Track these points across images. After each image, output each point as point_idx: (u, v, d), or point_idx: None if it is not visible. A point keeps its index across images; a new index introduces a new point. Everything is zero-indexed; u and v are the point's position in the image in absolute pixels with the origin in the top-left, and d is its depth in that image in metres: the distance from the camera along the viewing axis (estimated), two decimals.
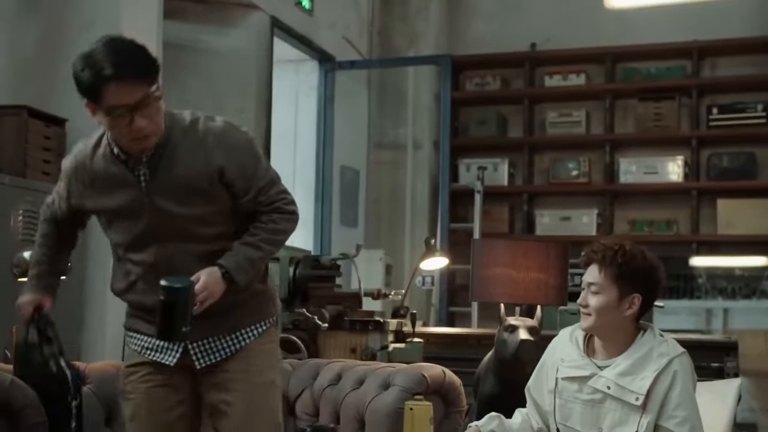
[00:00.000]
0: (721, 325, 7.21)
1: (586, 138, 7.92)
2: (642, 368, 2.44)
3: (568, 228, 7.73)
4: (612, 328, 2.51)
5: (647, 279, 2.52)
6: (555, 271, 3.49)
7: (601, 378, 2.49)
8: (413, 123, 8.07)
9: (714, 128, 7.51)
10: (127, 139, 2.36)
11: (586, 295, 2.52)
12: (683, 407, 2.42)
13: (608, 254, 2.50)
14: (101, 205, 2.49)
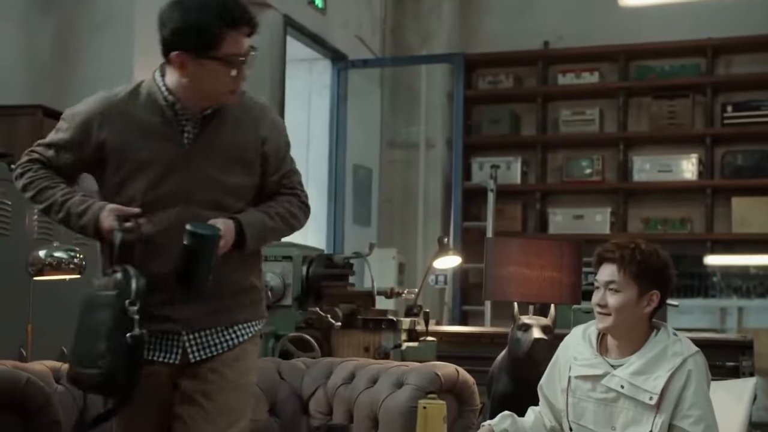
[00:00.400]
0: (735, 324, 7.17)
1: (600, 136, 7.89)
2: (656, 367, 2.44)
3: (581, 226, 7.71)
4: (629, 327, 2.50)
5: (664, 275, 2.53)
6: (569, 270, 3.47)
7: (614, 377, 2.48)
8: (426, 121, 8.06)
9: (728, 126, 7.48)
10: (225, 92, 2.33)
11: (603, 294, 2.51)
12: (698, 406, 2.41)
13: (626, 253, 2.50)
14: (130, 153, 2.35)
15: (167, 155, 2.34)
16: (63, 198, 2.40)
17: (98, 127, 2.36)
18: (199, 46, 2.27)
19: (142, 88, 2.40)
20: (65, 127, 2.43)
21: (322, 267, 4.44)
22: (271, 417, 3.24)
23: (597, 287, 2.56)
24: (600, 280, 2.54)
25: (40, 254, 3.26)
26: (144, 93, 2.38)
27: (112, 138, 2.36)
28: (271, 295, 4.30)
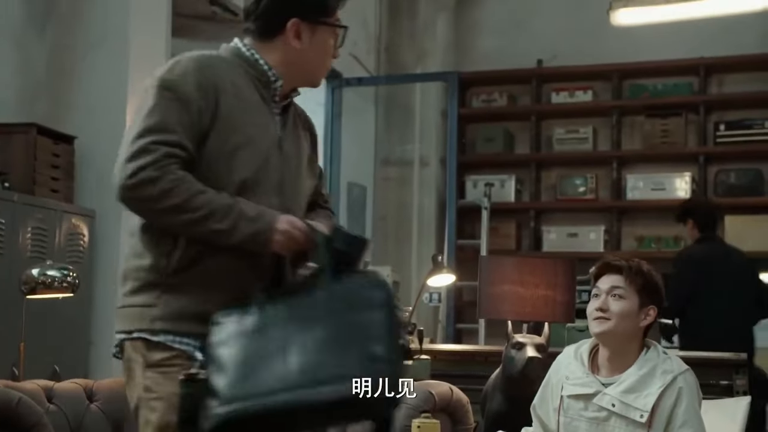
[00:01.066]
0: None
1: (593, 154, 7.92)
2: (646, 385, 2.44)
3: (575, 244, 7.72)
4: (625, 338, 2.51)
5: (660, 294, 2.55)
6: (563, 288, 3.48)
7: (605, 395, 2.48)
8: (420, 139, 8.09)
9: (721, 145, 7.51)
10: (324, 69, 2.19)
11: (606, 299, 2.51)
12: (689, 425, 2.41)
13: (633, 264, 2.54)
14: (239, 124, 2.04)
15: (268, 137, 2.08)
16: (228, 201, 1.98)
17: (213, 90, 2.02)
18: (317, 9, 2.10)
19: (235, 58, 2.12)
20: (180, 96, 1.99)
21: None
22: None
23: (596, 295, 2.56)
24: (602, 288, 2.54)
25: (33, 273, 3.25)
26: (242, 65, 2.11)
27: (225, 103, 2.03)
28: None
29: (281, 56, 2.12)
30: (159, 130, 1.96)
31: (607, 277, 2.55)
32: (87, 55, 4.43)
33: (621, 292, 2.50)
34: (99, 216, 4.29)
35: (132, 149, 1.96)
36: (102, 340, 4.24)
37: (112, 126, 4.20)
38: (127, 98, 4.26)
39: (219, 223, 1.95)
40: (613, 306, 2.50)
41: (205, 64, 2.05)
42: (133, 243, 2.07)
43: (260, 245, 1.99)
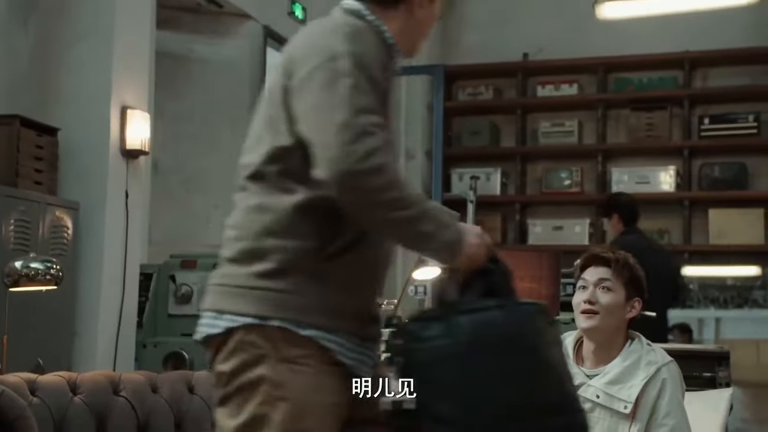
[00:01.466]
0: (713, 335, 7.22)
1: (579, 148, 7.94)
2: (631, 376, 2.45)
3: (560, 238, 7.74)
4: (611, 330, 2.51)
5: (644, 287, 2.56)
6: (548, 281, 3.49)
7: (590, 387, 2.49)
8: (406, 132, 8.08)
9: (705, 138, 7.55)
10: (424, 39, 1.99)
11: (594, 291, 2.50)
12: (672, 416, 2.42)
13: (620, 257, 2.53)
14: (390, 113, 1.84)
15: (393, 118, 1.85)
16: (432, 204, 1.80)
17: (385, 70, 1.81)
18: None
19: (365, 26, 1.87)
20: (372, 76, 1.75)
21: None
22: None
23: (583, 287, 2.54)
24: (590, 279, 2.52)
25: (17, 265, 3.23)
26: (373, 35, 1.86)
27: (389, 85, 1.83)
28: None
29: (401, 25, 1.91)
30: (370, 111, 1.69)
31: (594, 269, 2.54)
32: (71, 46, 4.40)
33: (609, 284, 2.50)
34: (83, 208, 4.27)
35: (353, 130, 1.66)
36: (86, 331, 4.23)
37: (96, 118, 4.19)
38: (111, 90, 4.23)
39: (426, 225, 1.74)
40: (602, 299, 2.49)
41: (377, 44, 1.83)
42: (267, 220, 1.80)
43: (450, 256, 1.79)
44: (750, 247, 7.38)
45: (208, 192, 6.10)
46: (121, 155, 4.24)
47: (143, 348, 4.31)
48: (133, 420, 2.96)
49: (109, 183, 4.18)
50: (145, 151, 4.32)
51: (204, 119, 6.16)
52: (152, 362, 4.19)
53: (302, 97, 1.75)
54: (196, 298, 4.41)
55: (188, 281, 4.43)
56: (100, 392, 2.91)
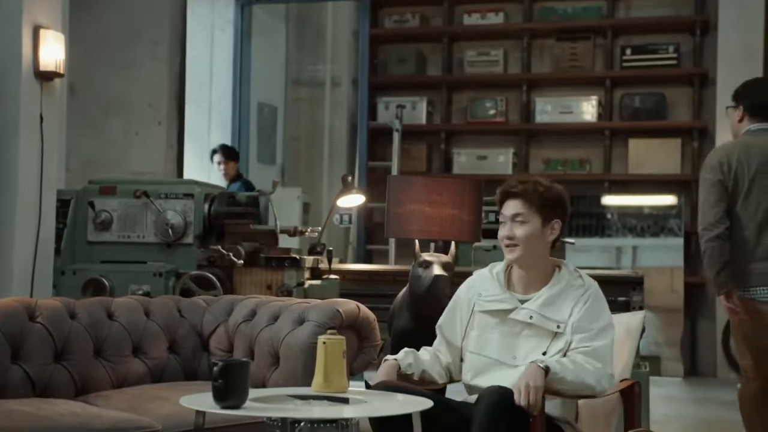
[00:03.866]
0: (630, 263, 7.43)
1: (504, 77, 7.97)
2: (562, 298, 2.57)
3: (484, 167, 7.81)
4: (536, 256, 2.62)
5: (562, 205, 2.64)
6: (469, 208, 3.51)
7: (522, 310, 2.59)
8: (332, 60, 7.99)
9: (627, 69, 7.64)
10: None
11: (511, 227, 2.61)
12: (598, 338, 2.51)
13: (528, 187, 2.62)
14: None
15: None
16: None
17: None
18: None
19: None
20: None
21: (224, 205, 4.39)
22: (171, 354, 3.21)
23: (503, 222, 2.65)
24: (506, 214, 2.63)
25: None
26: None
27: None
28: (172, 232, 4.25)
29: None
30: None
31: (508, 203, 2.64)
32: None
33: (522, 217, 2.60)
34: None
35: None
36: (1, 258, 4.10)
37: (6, 38, 4.01)
38: (22, 8, 4.02)
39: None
40: (518, 232, 2.59)
41: None
42: None
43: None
44: (667, 176, 7.57)
45: (127, 117, 5.96)
46: (34, 77, 4.08)
47: (62, 275, 4.23)
48: (51, 346, 2.92)
49: (22, 105, 4.03)
50: (60, 73, 4.17)
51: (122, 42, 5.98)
52: (71, 289, 4.12)
53: None
54: (116, 225, 4.33)
55: (107, 208, 4.33)
56: (15, 318, 2.86)
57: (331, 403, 2.36)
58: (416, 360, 2.68)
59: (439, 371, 2.71)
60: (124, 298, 3.33)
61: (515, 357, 2.57)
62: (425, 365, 2.69)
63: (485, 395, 2.41)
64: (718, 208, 3.55)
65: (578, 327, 2.53)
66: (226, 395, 2.24)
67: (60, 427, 2.47)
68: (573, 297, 2.56)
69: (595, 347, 2.49)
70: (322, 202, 7.67)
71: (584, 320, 2.54)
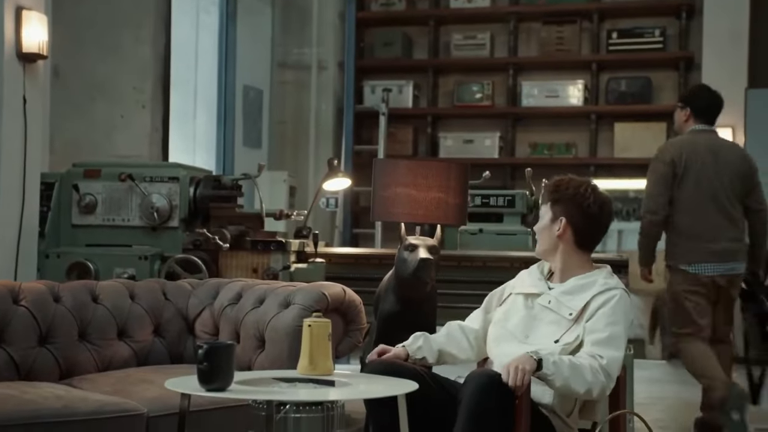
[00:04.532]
0: (615, 246, 7.46)
1: (490, 61, 7.96)
2: (583, 290, 2.60)
3: (471, 150, 7.82)
4: (550, 249, 2.69)
5: (572, 204, 2.65)
6: (455, 192, 3.50)
7: (547, 296, 2.65)
8: (318, 43, 7.95)
9: (613, 53, 7.65)
10: None
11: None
12: (611, 325, 2.51)
13: (550, 184, 2.73)
14: None
15: None
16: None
17: None
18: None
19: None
20: None
21: (210, 188, 4.37)
22: (156, 337, 3.21)
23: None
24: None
25: None
26: None
27: None
28: (157, 216, 4.23)
29: None
30: None
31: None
32: None
33: (541, 212, 2.73)
34: None
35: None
36: None
37: None
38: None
39: None
40: (536, 228, 2.74)
41: None
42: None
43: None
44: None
45: (112, 100, 5.91)
46: (17, 58, 4.03)
47: (46, 258, 4.20)
48: (35, 329, 2.91)
49: (5, 87, 3.99)
50: (43, 54, 4.13)
51: (106, 24, 5.92)
52: (56, 273, 4.09)
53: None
54: (101, 209, 4.30)
55: (92, 191, 4.30)
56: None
57: (316, 386, 2.36)
58: (428, 341, 2.71)
59: (461, 345, 2.76)
60: (109, 282, 3.32)
61: (528, 336, 2.61)
62: (440, 344, 2.73)
63: (473, 377, 2.42)
64: (664, 198, 4.31)
65: (592, 327, 2.53)
66: (212, 378, 2.24)
67: (44, 409, 2.46)
68: (594, 290, 2.58)
69: (608, 359, 2.47)
70: (308, 185, 7.66)
71: (600, 321, 2.53)
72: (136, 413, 2.58)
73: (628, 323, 2.58)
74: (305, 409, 2.23)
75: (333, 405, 2.27)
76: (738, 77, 7.25)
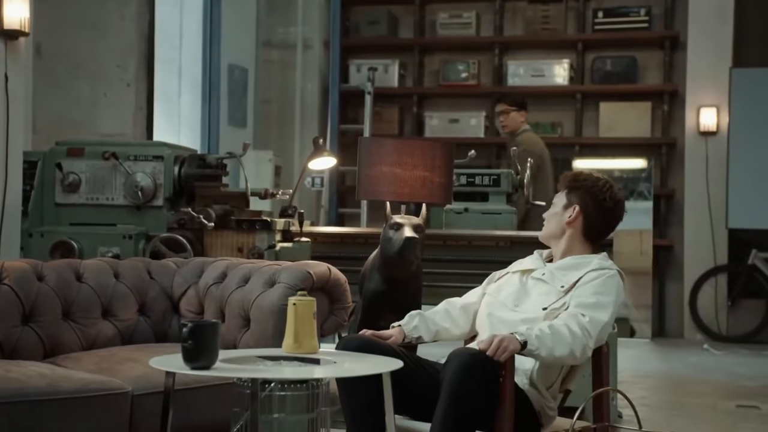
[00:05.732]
0: None
1: (476, 40, 7.94)
2: (578, 269, 2.64)
3: (456, 130, 7.81)
4: (556, 234, 2.73)
5: (588, 195, 2.69)
6: (441, 171, 3.50)
7: (541, 269, 2.70)
8: (303, 22, 7.91)
9: (599, 32, 7.65)
10: None
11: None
12: (599, 295, 2.53)
13: (569, 173, 2.80)
14: None
15: None
16: None
17: None
18: None
19: None
20: None
21: (195, 167, 4.35)
22: (141, 316, 3.20)
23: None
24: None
25: None
26: None
27: None
28: (142, 195, 4.21)
29: None
30: None
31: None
32: None
33: (556, 200, 2.76)
34: None
35: None
36: None
37: None
38: None
39: None
40: (546, 213, 2.77)
41: None
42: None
43: None
44: (637, 139, 7.61)
45: (95, 79, 5.87)
46: None
47: (29, 237, 4.18)
48: (18, 308, 2.89)
49: None
50: (25, 32, 4.09)
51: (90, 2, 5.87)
52: (39, 252, 4.07)
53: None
54: (85, 187, 4.28)
55: (75, 170, 4.27)
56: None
57: (301, 364, 2.36)
58: (423, 320, 2.72)
59: (458, 321, 2.78)
60: (93, 260, 3.31)
61: (518, 305, 2.66)
62: (436, 322, 2.75)
63: (456, 355, 2.43)
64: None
65: (580, 292, 2.56)
66: (196, 356, 2.23)
67: (28, 388, 2.45)
68: (588, 268, 2.62)
69: (591, 318, 2.50)
70: (294, 165, 7.64)
71: (588, 290, 2.56)
72: (120, 391, 2.57)
73: (617, 300, 2.60)
74: (290, 387, 2.24)
75: (318, 383, 2.27)
76: (723, 56, 7.27)
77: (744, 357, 6.59)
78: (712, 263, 7.34)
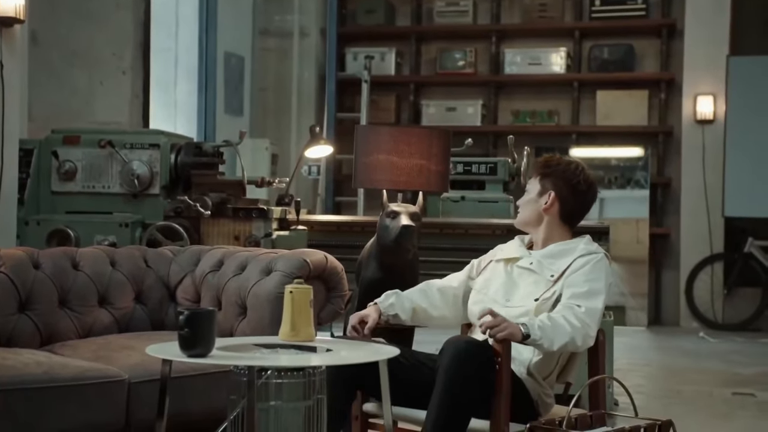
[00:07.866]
0: (597, 214, 7.50)
1: (473, 28, 7.93)
2: (565, 255, 2.64)
3: (453, 118, 7.81)
4: (533, 221, 2.72)
5: (562, 180, 2.68)
6: (437, 159, 3.50)
7: (528, 258, 2.68)
8: (300, 10, 7.89)
9: (596, 20, 7.63)
10: None
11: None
12: (591, 282, 2.53)
13: (541, 159, 2.78)
14: None
15: None
16: None
17: None
18: None
19: None
20: None
21: (191, 155, 4.34)
22: (137, 304, 3.20)
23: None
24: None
25: None
26: None
27: None
28: (138, 183, 4.20)
29: None
30: None
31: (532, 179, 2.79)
32: None
33: (529, 187, 2.75)
34: None
35: None
36: None
37: None
38: None
39: None
40: (521, 201, 2.76)
41: None
42: None
43: None
44: (634, 128, 7.61)
45: (91, 67, 5.85)
46: None
47: (26, 225, 4.17)
48: (14, 296, 2.89)
49: None
50: (20, 19, 4.07)
51: None
52: (36, 240, 4.06)
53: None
54: (81, 175, 4.27)
55: (71, 157, 4.27)
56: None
57: (298, 352, 2.36)
58: (400, 298, 2.72)
59: (435, 302, 2.77)
60: (89, 248, 3.30)
61: (509, 300, 2.64)
62: (413, 301, 2.75)
63: (451, 343, 2.43)
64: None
65: (571, 281, 2.57)
66: (193, 344, 2.23)
67: (25, 375, 2.46)
68: (575, 255, 2.62)
69: (587, 308, 2.51)
70: (290, 153, 7.63)
71: (579, 277, 2.57)
72: (117, 379, 2.57)
73: (608, 283, 2.62)
74: (287, 374, 2.24)
75: (314, 371, 2.27)
76: (720, 45, 7.26)
77: (740, 345, 6.61)
78: (708, 251, 7.35)
